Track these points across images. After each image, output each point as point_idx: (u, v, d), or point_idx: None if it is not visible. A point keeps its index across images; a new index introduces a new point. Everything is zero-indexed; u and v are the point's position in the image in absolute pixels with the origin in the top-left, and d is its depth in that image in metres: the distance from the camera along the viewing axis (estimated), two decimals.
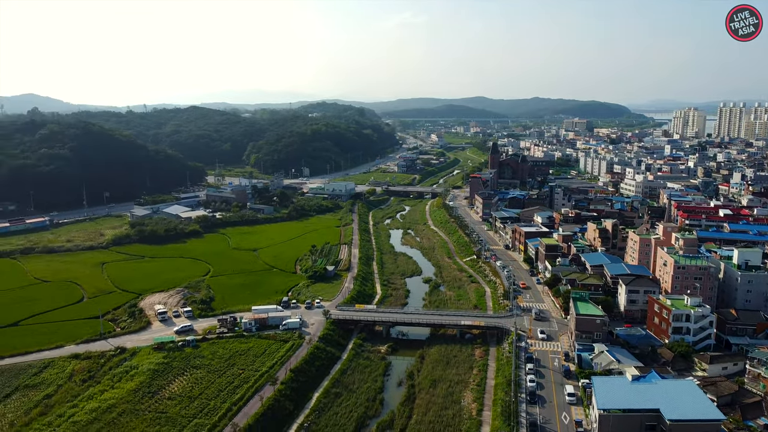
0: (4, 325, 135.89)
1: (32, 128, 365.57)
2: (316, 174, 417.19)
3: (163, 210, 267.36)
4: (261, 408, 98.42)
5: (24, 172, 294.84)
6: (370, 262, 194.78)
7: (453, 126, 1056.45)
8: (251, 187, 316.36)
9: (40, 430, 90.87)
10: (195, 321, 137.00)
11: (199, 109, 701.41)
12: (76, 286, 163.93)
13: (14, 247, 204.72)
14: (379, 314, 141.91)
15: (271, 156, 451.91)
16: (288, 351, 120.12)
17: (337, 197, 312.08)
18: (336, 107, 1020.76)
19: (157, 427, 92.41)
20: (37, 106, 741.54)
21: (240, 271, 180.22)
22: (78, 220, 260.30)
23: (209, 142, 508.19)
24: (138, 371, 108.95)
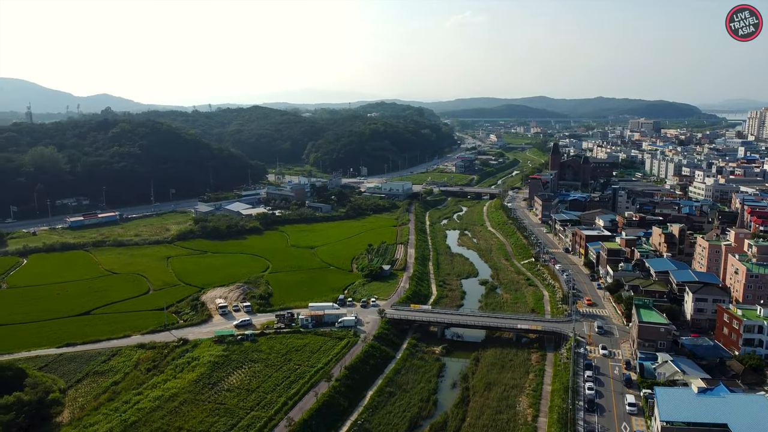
0: (78, 314, 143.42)
1: (105, 127, 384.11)
2: (374, 173, 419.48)
3: (225, 207, 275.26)
4: (316, 404, 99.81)
5: (97, 169, 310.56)
6: (426, 263, 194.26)
7: (513, 126, 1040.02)
8: (310, 186, 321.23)
9: (107, 414, 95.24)
10: (254, 316, 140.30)
11: (260, 109, 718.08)
12: (143, 279, 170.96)
13: (87, 240, 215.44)
14: (435, 315, 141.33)
15: (329, 155, 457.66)
16: (343, 348, 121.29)
17: (394, 197, 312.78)
18: (395, 107, 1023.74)
19: (215, 417, 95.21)
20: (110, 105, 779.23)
21: (298, 268, 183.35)
22: (145, 215, 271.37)
23: (270, 141, 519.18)
24: (199, 363, 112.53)
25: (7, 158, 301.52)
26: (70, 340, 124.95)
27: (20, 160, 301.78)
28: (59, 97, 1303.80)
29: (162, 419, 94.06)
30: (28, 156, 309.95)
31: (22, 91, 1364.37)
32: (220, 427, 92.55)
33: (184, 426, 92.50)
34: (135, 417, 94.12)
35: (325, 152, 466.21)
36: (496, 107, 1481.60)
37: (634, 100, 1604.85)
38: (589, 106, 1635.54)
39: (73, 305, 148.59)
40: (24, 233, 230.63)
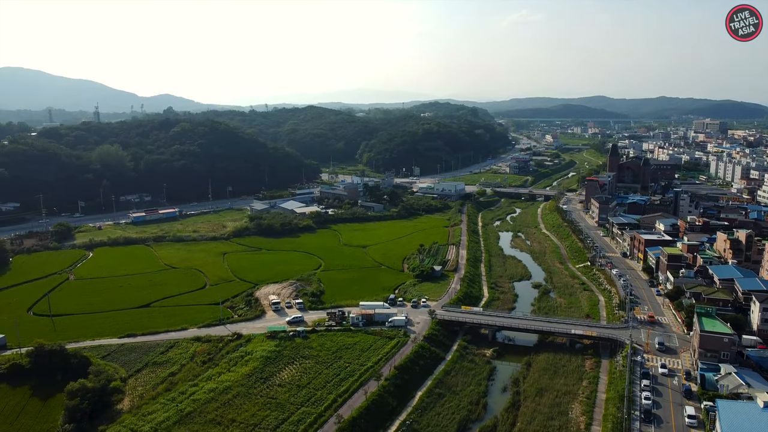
0: (138, 306, 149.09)
1: (167, 126, 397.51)
2: (426, 173, 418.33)
3: (280, 205, 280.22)
4: (365, 402, 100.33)
5: (159, 166, 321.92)
6: (478, 264, 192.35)
7: (570, 126, 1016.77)
8: (363, 185, 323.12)
9: (164, 404, 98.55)
10: (305, 313, 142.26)
11: (315, 109, 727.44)
12: (200, 274, 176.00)
13: (148, 235, 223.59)
14: (486, 317, 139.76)
15: (382, 155, 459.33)
16: (393, 348, 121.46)
17: (446, 197, 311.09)
18: (448, 107, 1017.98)
19: (267, 411, 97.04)
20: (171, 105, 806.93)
21: (349, 267, 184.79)
22: (203, 212, 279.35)
23: (324, 140, 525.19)
24: (252, 357, 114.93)
25: (77, 156, 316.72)
26: (131, 331, 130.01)
27: (88, 158, 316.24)
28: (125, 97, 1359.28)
29: (216, 411, 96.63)
30: (95, 154, 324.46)
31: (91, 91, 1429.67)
32: (271, 421, 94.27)
33: (237, 418, 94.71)
34: (190, 408, 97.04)
35: (378, 152, 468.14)
36: (553, 107, 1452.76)
37: (699, 99, 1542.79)
38: (651, 106, 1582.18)
39: (135, 297, 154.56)
40: (90, 227, 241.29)
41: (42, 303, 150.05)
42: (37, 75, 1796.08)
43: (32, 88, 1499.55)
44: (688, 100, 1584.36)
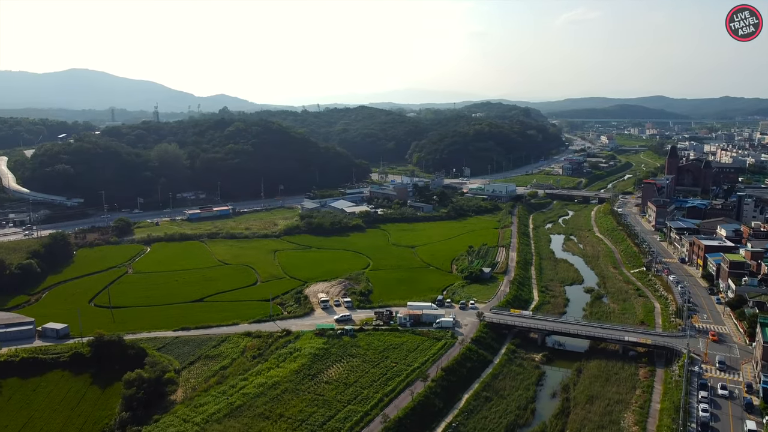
0: (192, 300, 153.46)
1: (222, 126, 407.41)
2: (477, 174, 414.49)
3: (330, 204, 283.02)
4: (411, 402, 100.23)
5: (213, 165, 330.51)
6: (528, 267, 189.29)
7: (626, 127, 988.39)
8: (412, 186, 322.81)
9: (215, 397, 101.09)
10: (353, 311, 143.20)
11: (366, 109, 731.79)
12: (252, 270, 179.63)
13: (203, 232, 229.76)
14: (535, 321, 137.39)
15: (432, 155, 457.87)
16: (440, 349, 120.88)
17: (496, 198, 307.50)
18: (500, 107, 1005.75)
19: (314, 407, 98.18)
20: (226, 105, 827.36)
21: (398, 267, 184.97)
22: (256, 210, 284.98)
23: (375, 140, 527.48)
24: (300, 354, 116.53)
25: (137, 154, 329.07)
26: (185, 324, 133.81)
27: (147, 156, 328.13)
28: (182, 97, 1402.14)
29: (264, 405, 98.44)
30: (154, 152, 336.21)
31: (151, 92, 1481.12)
32: (318, 417, 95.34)
33: (285, 413, 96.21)
34: (240, 401, 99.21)
35: (428, 152, 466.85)
36: (609, 107, 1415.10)
37: (766, 99, 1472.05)
38: (713, 106, 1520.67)
39: (189, 292, 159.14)
40: (148, 223, 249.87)
41: (102, 295, 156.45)
42: (102, 76, 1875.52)
43: (97, 88, 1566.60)
44: (753, 100, 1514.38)
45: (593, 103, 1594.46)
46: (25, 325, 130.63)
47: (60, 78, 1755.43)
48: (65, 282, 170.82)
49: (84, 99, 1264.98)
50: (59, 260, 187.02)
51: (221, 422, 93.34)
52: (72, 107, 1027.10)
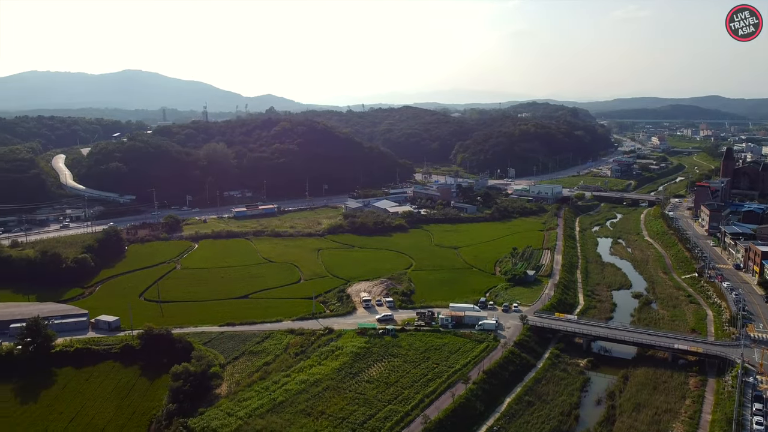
0: (237, 297, 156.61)
1: (268, 125, 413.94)
2: (522, 175, 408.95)
3: (373, 204, 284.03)
4: (452, 404, 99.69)
5: (260, 164, 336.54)
6: (574, 270, 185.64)
7: (679, 128, 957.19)
8: (456, 186, 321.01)
9: (259, 392, 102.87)
10: (395, 311, 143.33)
11: (411, 109, 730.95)
12: (296, 268, 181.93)
13: (248, 230, 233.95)
14: (581, 326, 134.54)
15: (477, 156, 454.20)
16: (482, 352, 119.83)
17: (542, 200, 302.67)
18: (547, 107, 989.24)
19: (355, 406, 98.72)
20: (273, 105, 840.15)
21: (440, 268, 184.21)
22: (300, 208, 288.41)
23: (419, 140, 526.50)
24: (342, 352, 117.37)
25: (186, 153, 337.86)
26: (230, 320, 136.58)
27: (196, 155, 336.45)
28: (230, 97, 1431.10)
29: (306, 402, 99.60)
30: (203, 151, 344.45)
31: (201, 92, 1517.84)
32: (359, 416, 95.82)
33: (326, 411, 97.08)
34: (282, 397, 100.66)
35: (473, 153, 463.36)
36: (660, 107, 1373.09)
37: None
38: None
39: (234, 288, 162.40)
40: (196, 220, 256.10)
41: (152, 290, 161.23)
42: (155, 77, 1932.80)
43: (149, 89, 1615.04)
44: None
45: (644, 103, 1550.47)
46: (80, 317, 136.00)
47: (115, 79, 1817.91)
48: (117, 276, 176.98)
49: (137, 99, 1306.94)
50: (112, 255, 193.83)
51: (264, 417, 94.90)
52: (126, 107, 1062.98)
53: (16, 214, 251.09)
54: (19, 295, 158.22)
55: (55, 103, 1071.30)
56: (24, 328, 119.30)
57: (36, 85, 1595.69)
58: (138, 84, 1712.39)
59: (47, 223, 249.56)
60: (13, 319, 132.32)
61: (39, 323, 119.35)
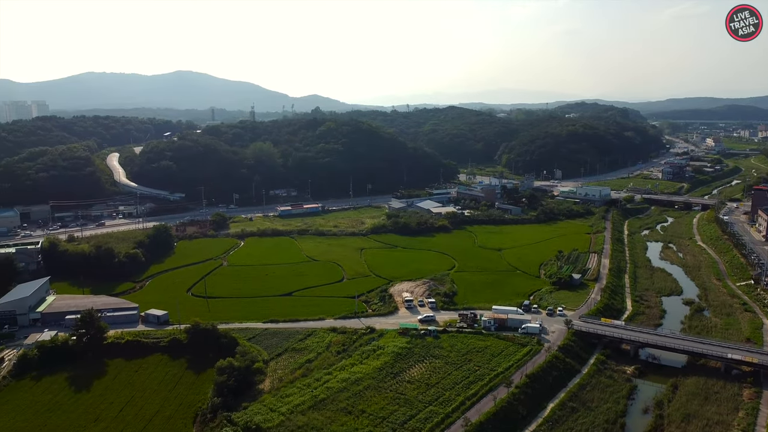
0: (281, 294, 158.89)
1: (314, 125, 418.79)
2: (569, 177, 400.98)
3: (417, 204, 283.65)
4: (494, 407, 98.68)
5: (305, 163, 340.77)
6: (622, 275, 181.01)
7: (735, 129, 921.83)
8: (501, 187, 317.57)
9: (301, 388, 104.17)
10: (437, 312, 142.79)
11: (456, 109, 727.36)
12: (339, 267, 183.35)
13: (293, 228, 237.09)
14: (628, 332, 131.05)
15: (522, 157, 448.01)
16: (525, 355, 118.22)
17: (589, 202, 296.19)
18: (596, 107, 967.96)
19: (396, 406, 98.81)
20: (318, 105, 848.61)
21: (483, 269, 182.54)
22: (344, 208, 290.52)
23: (464, 141, 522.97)
24: (384, 352, 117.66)
25: (234, 152, 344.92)
26: (274, 317, 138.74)
27: (243, 154, 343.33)
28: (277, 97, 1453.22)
29: (347, 400, 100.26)
30: (250, 150, 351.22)
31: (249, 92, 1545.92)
32: (399, 416, 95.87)
33: (367, 410, 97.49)
34: (324, 395, 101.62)
35: (518, 153, 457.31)
36: (716, 108, 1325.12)
37: None
38: None
39: (278, 286, 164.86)
40: (243, 218, 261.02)
41: (199, 285, 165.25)
42: (204, 77, 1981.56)
43: (199, 89, 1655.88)
44: None
45: (698, 103, 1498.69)
46: (131, 311, 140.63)
47: (167, 79, 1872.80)
48: (166, 271, 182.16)
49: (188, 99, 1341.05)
50: (161, 251, 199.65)
51: (305, 414, 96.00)
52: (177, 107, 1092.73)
53: (72, 210, 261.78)
54: (75, 288, 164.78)
55: (111, 103, 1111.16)
56: (79, 319, 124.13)
57: (93, 85, 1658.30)
58: (188, 84, 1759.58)
59: (101, 219, 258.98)
60: (68, 311, 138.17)
61: (93, 315, 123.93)
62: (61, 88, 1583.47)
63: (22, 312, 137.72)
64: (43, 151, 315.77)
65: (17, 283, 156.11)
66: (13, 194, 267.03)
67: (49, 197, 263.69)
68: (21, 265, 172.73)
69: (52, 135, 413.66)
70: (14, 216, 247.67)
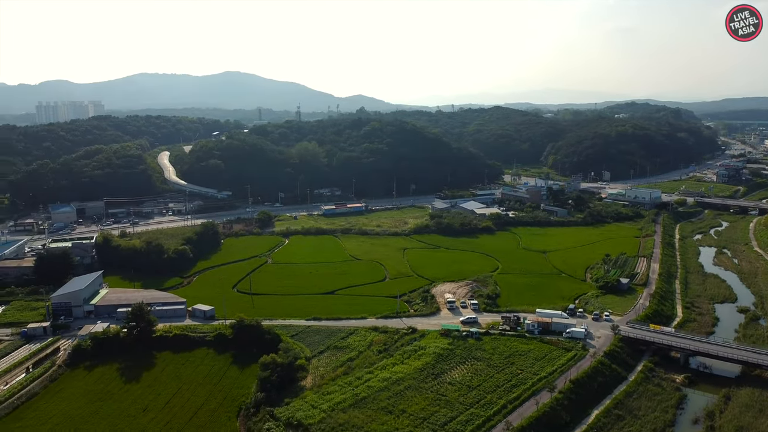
0: (324, 292, 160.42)
1: (358, 125, 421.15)
2: (617, 179, 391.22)
3: (460, 205, 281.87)
4: (536, 412, 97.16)
5: (349, 163, 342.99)
6: (672, 280, 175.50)
7: None
8: (546, 189, 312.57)
9: (342, 386, 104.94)
10: (480, 314, 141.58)
11: (501, 109, 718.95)
12: (381, 267, 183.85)
13: (337, 227, 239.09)
14: (678, 339, 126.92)
15: (569, 158, 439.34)
16: (569, 360, 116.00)
17: (639, 205, 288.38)
18: (647, 108, 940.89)
19: (436, 407, 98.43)
20: (363, 105, 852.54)
21: (527, 272, 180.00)
22: (387, 208, 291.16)
23: (509, 141, 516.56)
24: (425, 352, 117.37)
25: (280, 151, 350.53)
26: (317, 314, 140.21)
27: (289, 153, 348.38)
28: (323, 98, 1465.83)
29: (388, 399, 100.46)
30: (295, 150, 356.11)
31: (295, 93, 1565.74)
32: (440, 417, 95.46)
33: (407, 410, 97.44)
34: (365, 393, 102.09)
35: (565, 154, 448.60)
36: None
37: None
38: None
39: (321, 284, 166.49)
40: (287, 217, 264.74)
41: (244, 282, 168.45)
42: (252, 78, 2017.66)
43: (247, 89, 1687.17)
44: None
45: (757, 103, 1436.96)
46: (179, 305, 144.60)
47: (216, 80, 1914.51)
48: (213, 268, 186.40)
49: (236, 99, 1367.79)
50: (209, 247, 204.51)
51: (346, 411, 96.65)
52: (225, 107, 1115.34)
53: (125, 206, 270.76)
54: (126, 282, 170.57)
55: (162, 103, 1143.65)
56: (129, 312, 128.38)
57: (146, 86, 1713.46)
58: (237, 85, 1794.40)
59: (152, 216, 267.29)
60: (120, 304, 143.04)
61: (143, 309, 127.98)
62: (116, 88, 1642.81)
63: (77, 304, 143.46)
64: (99, 150, 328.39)
65: (73, 275, 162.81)
66: (70, 191, 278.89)
67: (103, 194, 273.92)
68: (77, 259, 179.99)
69: (107, 134, 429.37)
70: (71, 212, 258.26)
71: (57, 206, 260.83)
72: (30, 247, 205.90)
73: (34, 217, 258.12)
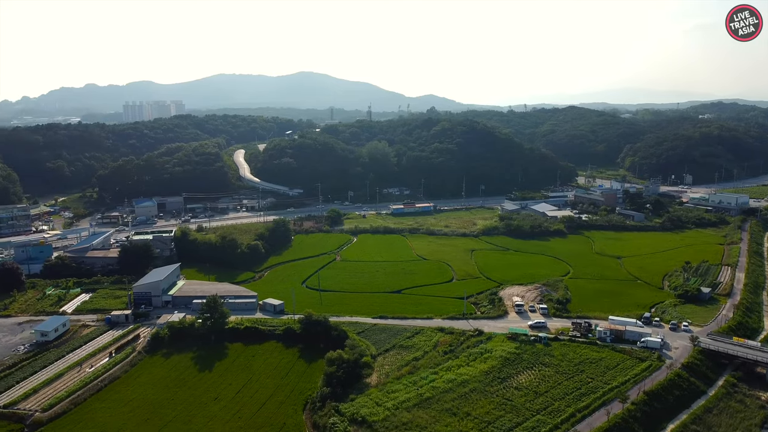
0: (391, 291, 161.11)
1: (429, 125, 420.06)
2: (700, 182, 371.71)
3: (531, 207, 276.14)
4: (606, 423, 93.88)
5: (418, 163, 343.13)
6: (759, 291, 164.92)
7: None
8: (622, 192, 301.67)
9: (406, 386, 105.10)
10: (549, 319, 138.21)
11: (576, 109, 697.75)
12: (448, 267, 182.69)
13: (405, 227, 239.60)
14: (765, 354, 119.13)
15: (648, 160, 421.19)
16: (644, 371, 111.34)
17: (723, 210, 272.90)
18: (734, 108, 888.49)
19: (502, 411, 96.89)
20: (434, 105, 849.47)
21: (600, 277, 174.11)
22: (456, 208, 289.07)
23: (584, 142, 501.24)
24: (491, 355, 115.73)
25: (350, 150, 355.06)
26: (383, 313, 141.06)
27: (359, 152, 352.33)
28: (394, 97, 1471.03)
29: (452, 401, 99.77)
30: (365, 149, 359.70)
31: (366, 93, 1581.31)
32: (505, 422, 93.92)
33: (472, 413, 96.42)
34: (429, 393, 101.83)
35: (643, 156, 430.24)
36: None
37: None
38: None
39: (388, 283, 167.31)
40: (356, 215, 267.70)
41: (313, 278, 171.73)
42: (324, 78, 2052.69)
43: (319, 89, 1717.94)
44: None
45: None
46: (250, 299, 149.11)
47: (290, 80, 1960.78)
48: (283, 263, 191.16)
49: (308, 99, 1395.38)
50: (280, 243, 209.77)
51: (410, 411, 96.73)
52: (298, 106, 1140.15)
53: (202, 201, 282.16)
54: (201, 274, 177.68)
55: (238, 102, 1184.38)
56: (204, 304, 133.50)
57: (223, 86, 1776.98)
58: (310, 85, 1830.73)
59: (227, 211, 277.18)
60: (195, 296, 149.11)
61: (216, 301, 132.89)
62: (195, 88, 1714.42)
63: (156, 294, 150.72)
64: (179, 147, 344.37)
65: (153, 267, 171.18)
66: (152, 186, 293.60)
67: (182, 189, 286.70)
68: (157, 251, 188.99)
69: (186, 132, 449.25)
70: (152, 206, 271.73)
71: (140, 200, 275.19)
72: (115, 239, 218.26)
73: (119, 210, 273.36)
